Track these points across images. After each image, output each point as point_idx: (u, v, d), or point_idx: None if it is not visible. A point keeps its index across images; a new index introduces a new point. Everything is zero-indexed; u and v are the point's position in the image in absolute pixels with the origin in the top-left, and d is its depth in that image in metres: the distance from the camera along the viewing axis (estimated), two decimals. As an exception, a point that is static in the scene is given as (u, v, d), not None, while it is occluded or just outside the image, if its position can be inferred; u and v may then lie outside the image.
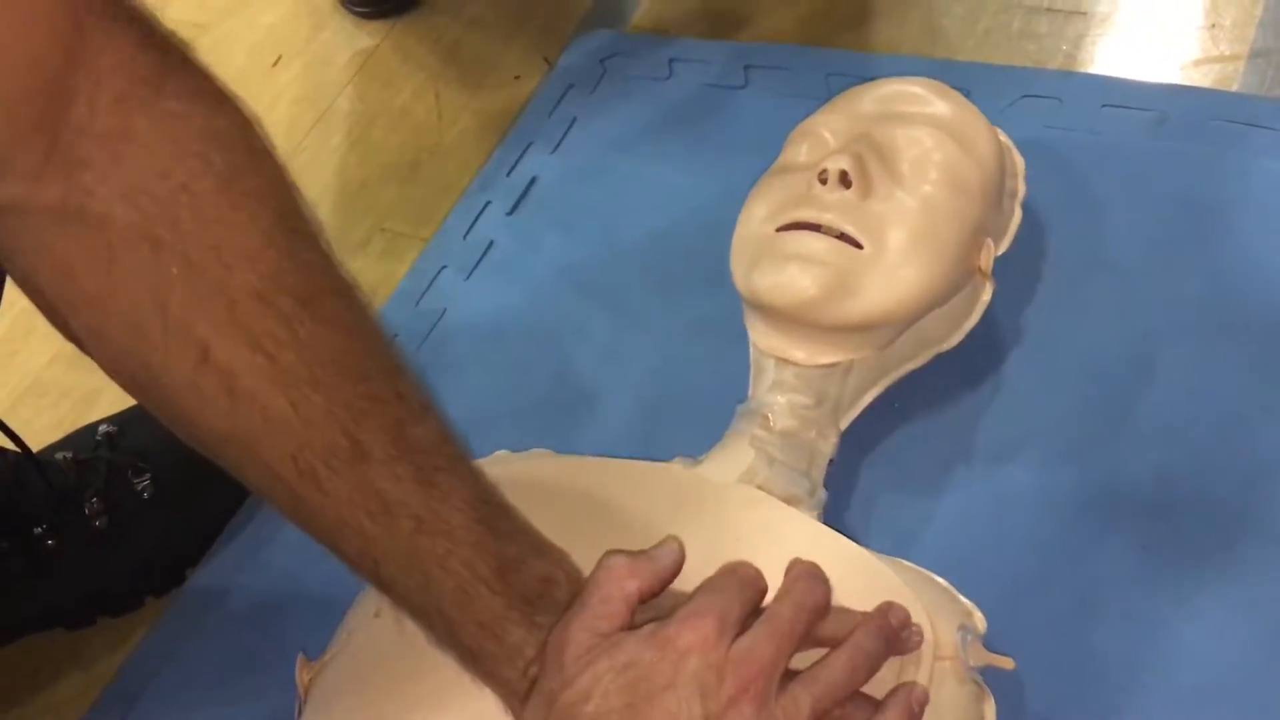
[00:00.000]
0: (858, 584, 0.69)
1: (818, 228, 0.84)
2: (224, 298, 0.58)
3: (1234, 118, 1.06)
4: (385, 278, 1.16)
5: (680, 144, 1.19)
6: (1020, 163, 0.94)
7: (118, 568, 0.97)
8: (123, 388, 0.62)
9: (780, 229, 0.85)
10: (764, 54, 1.24)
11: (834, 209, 0.84)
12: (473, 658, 0.62)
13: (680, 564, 0.63)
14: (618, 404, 1.01)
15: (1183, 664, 0.81)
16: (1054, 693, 0.80)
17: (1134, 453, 0.90)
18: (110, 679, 0.96)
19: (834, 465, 0.87)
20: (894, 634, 0.65)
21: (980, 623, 0.76)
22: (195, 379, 0.58)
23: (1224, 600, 0.83)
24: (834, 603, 0.65)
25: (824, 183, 0.84)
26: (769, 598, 0.64)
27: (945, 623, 0.73)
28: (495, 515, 0.63)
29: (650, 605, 0.62)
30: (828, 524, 0.82)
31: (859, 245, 0.83)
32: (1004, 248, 0.91)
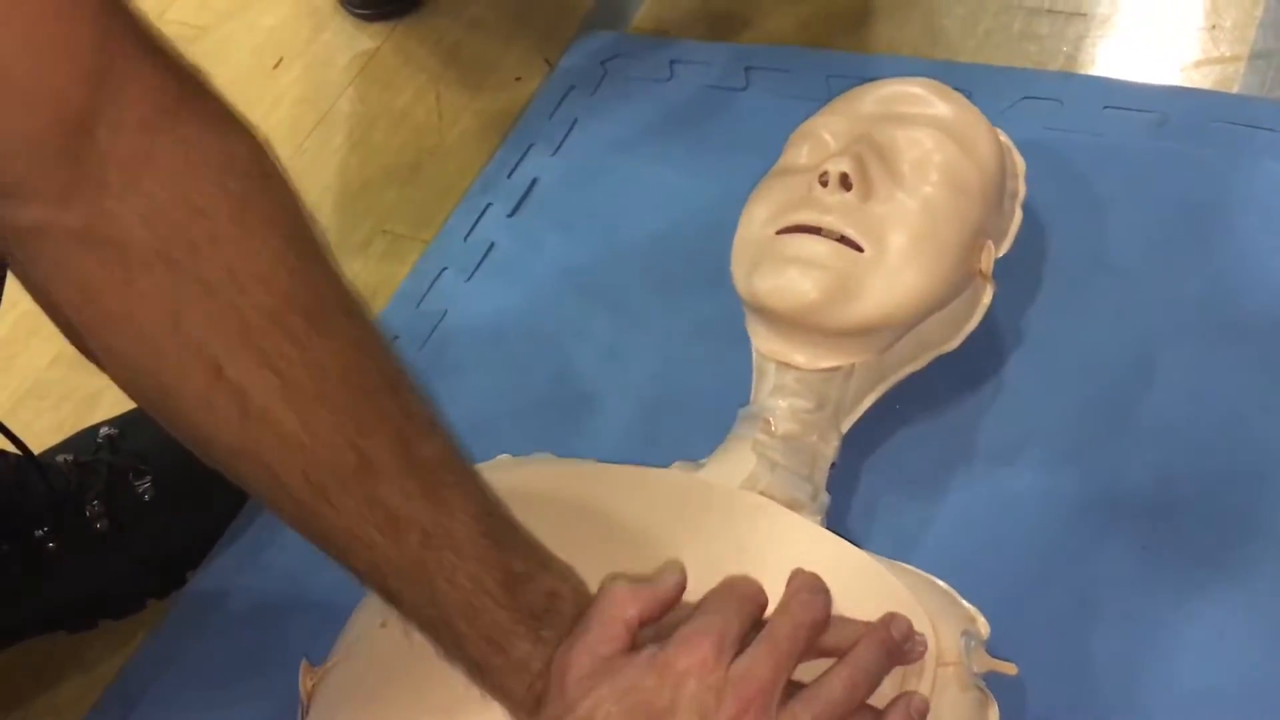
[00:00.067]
0: (861, 591, 0.69)
1: (818, 231, 0.84)
2: (237, 317, 0.59)
3: (1235, 119, 1.06)
4: (386, 279, 1.16)
5: (681, 145, 1.19)
6: (1021, 163, 0.94)
7: (119, 570, 0.97)
8: (137, 403, 0.63)
9: (780, 231, 0.85)
10: (765, 56, 1.24)
11: (834, 211, 0.83)
12: (480, 671, 0.63)
13: (682, 590, 0.64)
14: (618, 405, 1.02)
15: (1184, 666, 0.81)
16: (1055, 694, 0.80)
17: (1135, 454, 0.90)
18: (111, 681, 0.96)
19: (835, 468, 0.87)
20: (896, 646, 0.65)
21: (984, 628, 0.76)
22: (208, 396, 0.59)
23: (1225, 601, 0.83)
24: (837, 610, 0.65)
25: (824, 185, 0.84)
26: (770, 605, 0.64)
27: (948, 628, 0.73)
28: (501, 530, 0.63)
29: (652, 627, 0.63)
30: (830, 527, 0.82)
31: (859, 248, 0.83)
32: (1005, 249, 0.91)
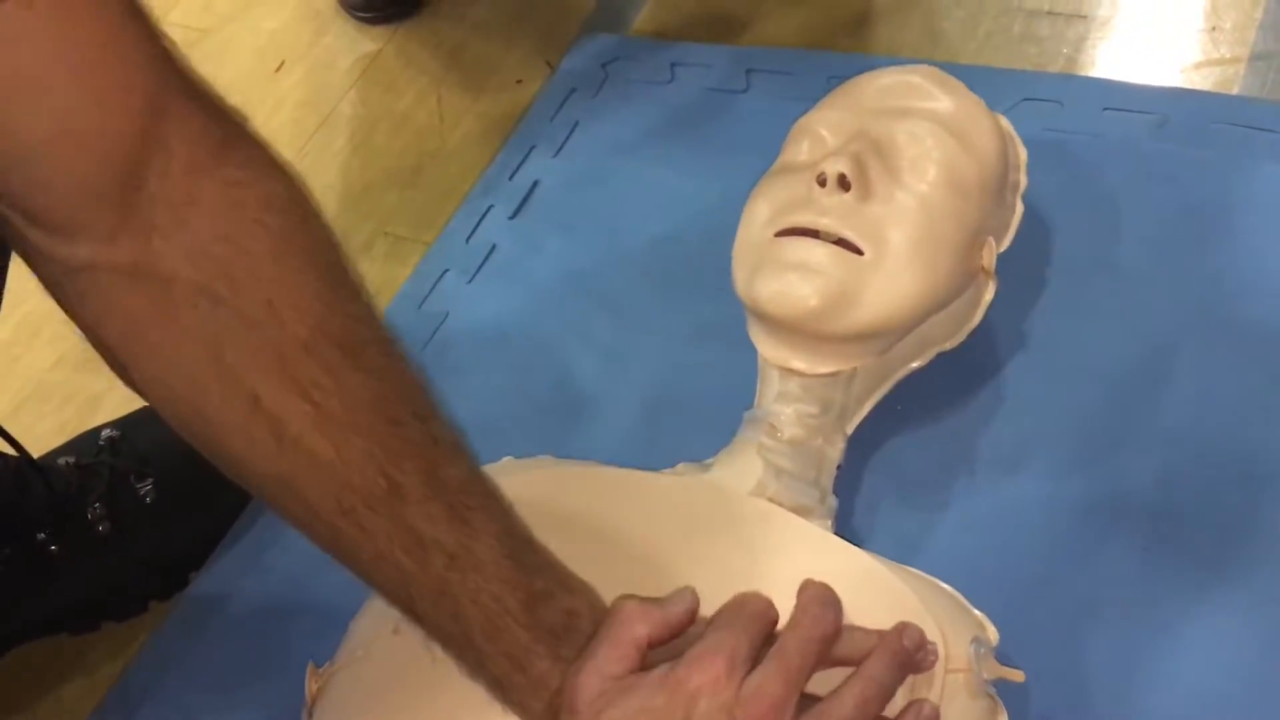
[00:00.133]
0: (871, 599, 0.69)
1: (816, 233, 0.83)
2: (274, 350, 0.62)
3: (1235, 121, 1.06)
4: (388, 281, 1.16)
5: (682, 148, 1.19)
6: (1023, 153, 0.93)
7: (121, 572, 0.97)
8: (178, 430, 0.66)
9: (780, 234, 0.85)
10: (765, 58, 1.24)
11: (832, 213, 0.83)
12: (500, 687, 0.64)
13: (693, 614, 0.64)
14: (620, 407, 1.01)
15: (1187, 668, 0.81)
16: (1058, 697, 0.80)
17: (1137, 456, 0.90)
18: (113, 683, 0.96)
19: (840, 470, 0.87)
20: (908, 656, 0.65)
21: (993, 635, 0.76)
22: (246, 424, 0.62)
23: (1228, 604, 0.83)
24: (848, 619, 0.65)
25: (822, 185, 0.83)
26: (782, 614, 0.64)
27: (957, 635, 0.72)
28: (523, 550, 0.64)
29: (664, 646, 0.63)
30: (835, 531, 0.82)
31: (859, 250, 0.82)
32: (1006, 244, 0.90)
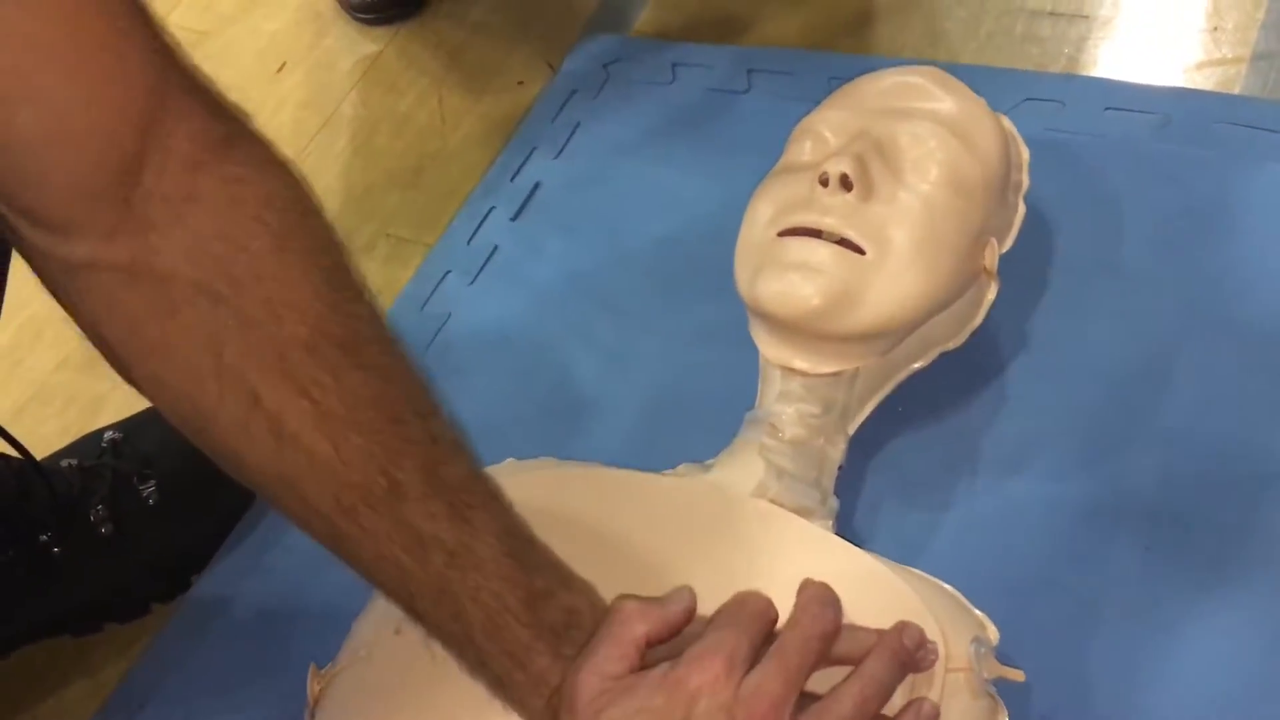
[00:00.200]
0: (871, 598, 0.69)
1: (819, 233, 0.83)
2: (274, 348, 0.61)
3: (1237, 120, 1.06)
4: (389, 283, 1.16)
5: (684, 148, 1.19)
6: (1025, 153, 0.93)
7: (123, 574, 0.97)
8: (178, 428, 0.65)
9: (782, 233, 0.85)
10: (767, 58, 1.24)
11: (835, 213, 0.83)
12: (501, 686, 0.64)
13: (691, 614, 0.64)
14: (622, 408, 1.01)
15: (1190, 670, 0.80)
16: (1060, 698, 0.80)
17: (1140, 457, 0.90)
18: (116, 685, 0.96)
19: (842, 471, 0.87)
20: (908, 655, 0.65)
21: (993, 634, 0.76)
22: (246, 422, 0.62)
23: (1231, 606, 0.83)
24: (848, 619, 0.65)
25: (825, 185, 0.83)
26: (782, 614, 0.64)
27: (958, 634, 0.72)
28: (523, 548, 0.64)
29: (663, 645, 0.63)
30: (836, 531, 0.82)
31: (861, 250, 0.83)
32: (1009, 244, 0.90)
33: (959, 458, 0.93)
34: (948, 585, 0.78)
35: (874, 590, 0.73)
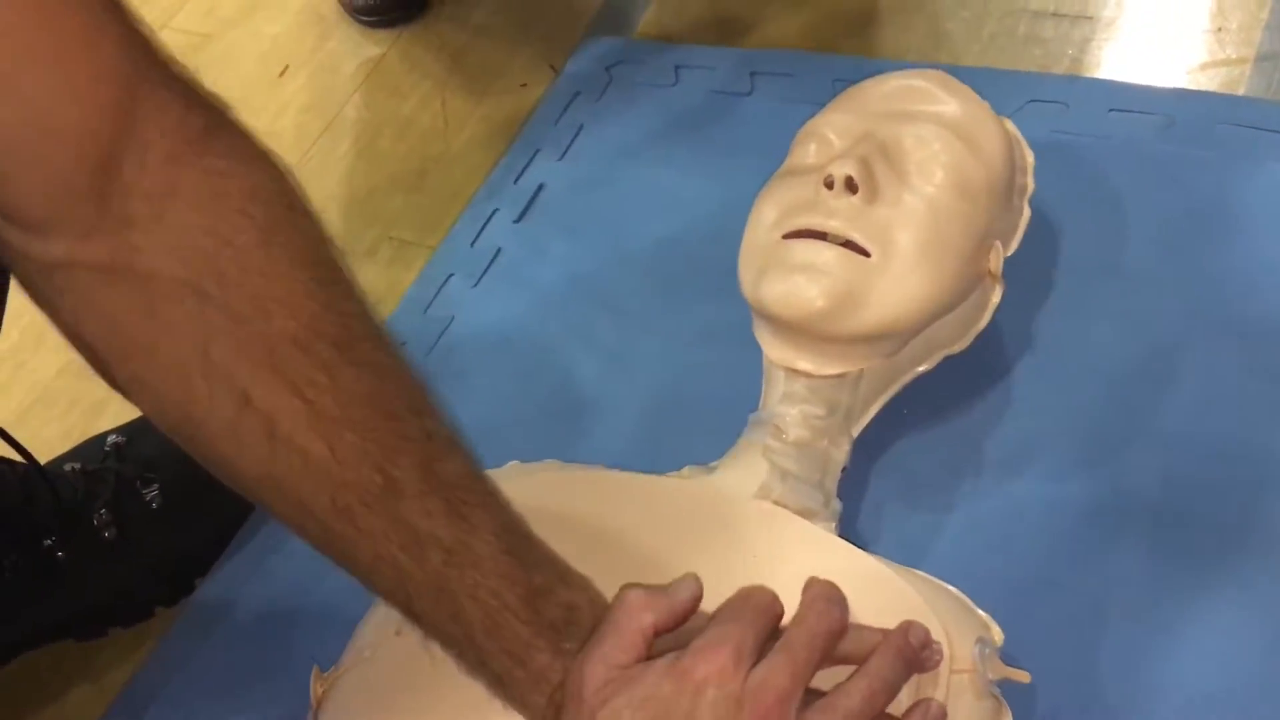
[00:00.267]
0: (875, 600, 0.69)
1: (824, 235, 0.83)
2: (264, 346, 0.60)
3: (1241, 121, 1.06)
4: (393, 286, 1.16)
5: (687, 150, 1.19)
6: (1030, 157, 0.93)
7: (127, 578, 0.97)
8: (165, 432, 0.64)
9: (787, 236, 0.85)
10: (770, 60, 1.24)
11: (840, 215, 0.83)
12: (501, 684, 0.63)
13: (698, 599, 0.64)
14: (625, 411, 1.01)
15: (1193, 670, 0.80)
16: (1064, 699, 0.80)
17: (1144, 458, 0.90)
18: (120, 689, 0.96)
19: (846, 473, 0.87)
20: (914, 654, 0.65)
21: (997, 635, 0.76)
22: (236, 424, 0.60)
23: (1234, 606, 0.83)
24: (853, 619, 0.65)
25: (829, 188, 0.83)
26: (787, 615, 0.64)
27: (962, 635, 0.72)
28: (522, 545, 0.64)
29: (669, 635, 0.63)
30: (840, 533, 0.82)
31: (866, 253, 0.83)
32: (1013, 247, 0.91)
33: (962, 459, 0.93)
34: (951, 587, 0.78)
35: (877, 591, 0.73)
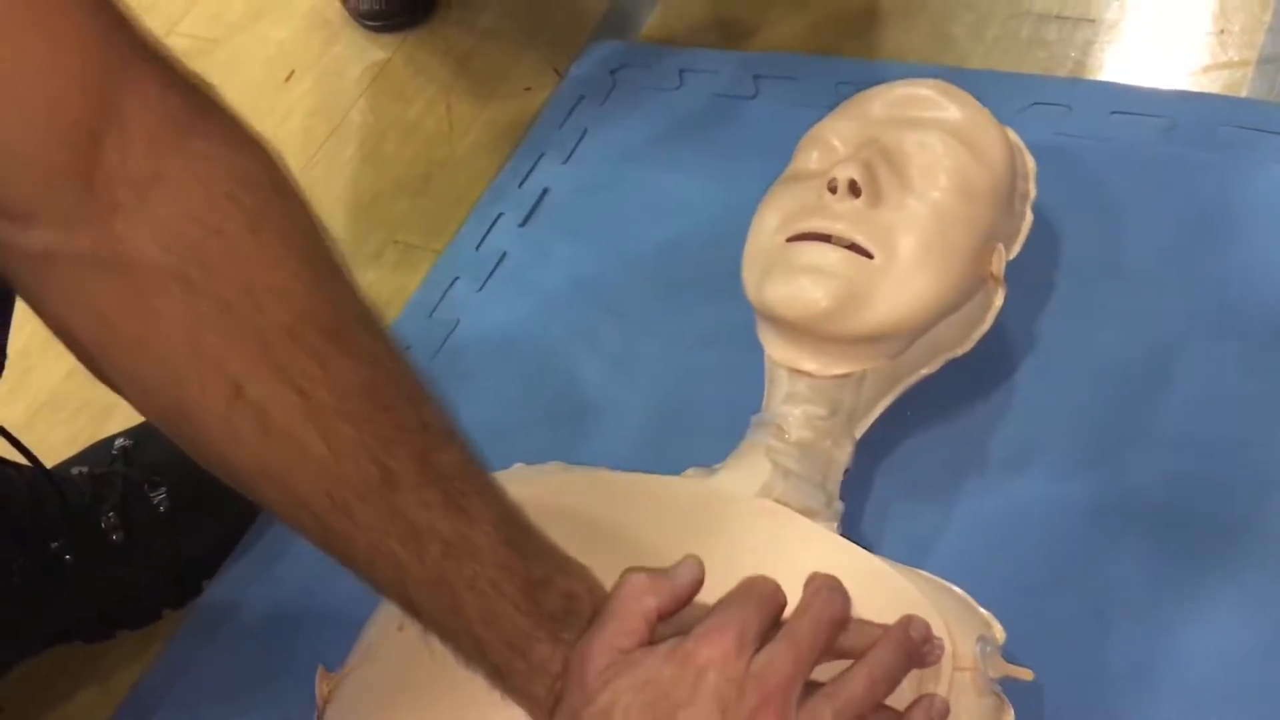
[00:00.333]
0: (876, 597, 0.70)
1: (828, 238, 0.84)
2: (256, 336, 0.58)
3: (1243, 123, 1.06)
4: (398, 290, 1.17)
5: (691, 154, 1.19)
6: (1031, 164, 0.94)
7: (135, 581, 0.97)
8: (157, 426, 0.63)
9: (791, 239, 0.85)
10: (773, 63, 1.24)
11: (844, 219, 0.84)
12: (501, 676, 0.63)
13: (700, 582, 0.64)
14: (630, 414, 1.02)
15: (1197, 670, 0.81)
16: (1068, 699, 0.80)
17: (1147, 459, 0.90)
18: (128, 691, 0.96)
19: (849, 474, 0.87)
20: (915, 648, 0.65)
21: (999, 634, 0.76)
22: (229, 416, 0.59)
23: (1237, 605, 0.83)
24: (854, 615, 0.65)
25: (833, 192, 0.84)
26: (788, 611, 0.64)
27: (964, 633, 0.73)
28: (520, 536, 0.63)
29: (670, 621, 0.63)
30: (843, 534, 0.83)
31: (869, 255, 0.83)
32: (1015, 252, 0.91)
33: (966, 459, 0.93)
34: (953, 586, 0.78)
35: (879, 588, 0.73)
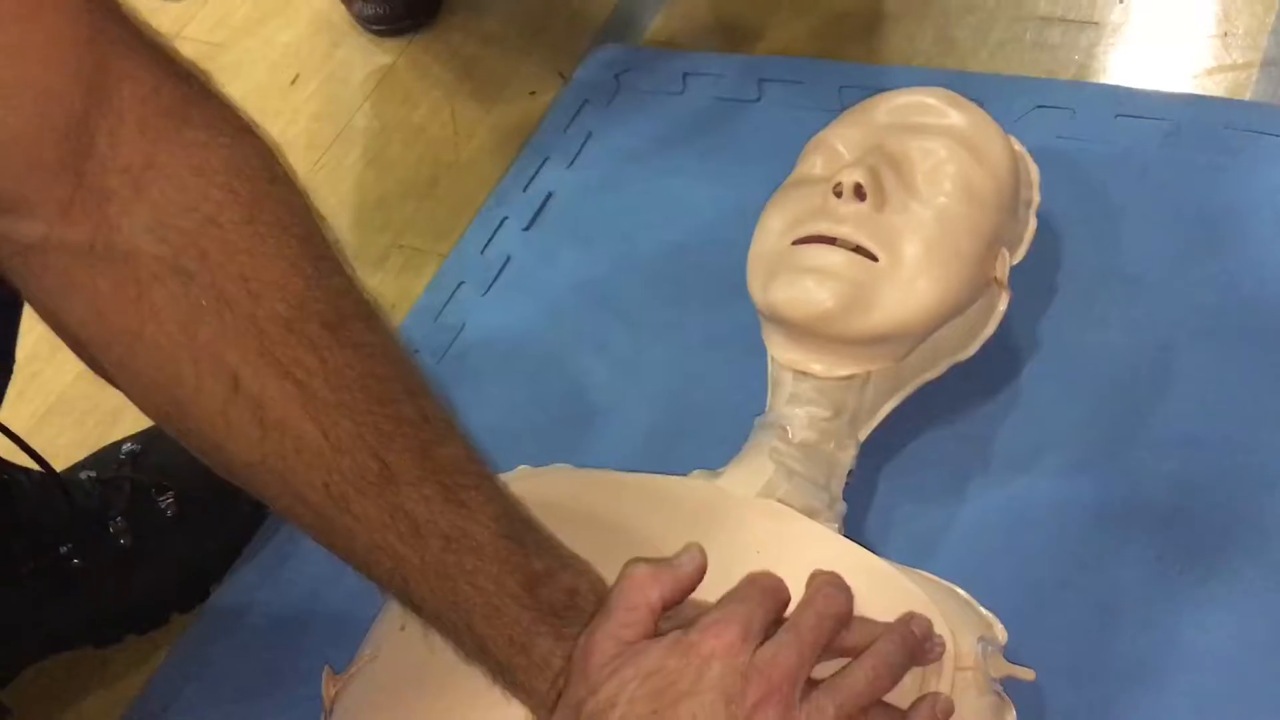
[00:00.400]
0: (878, 596, 0.70)
1: (833, 241, 0.84)
2: (253, 327, 0.58)
3: (1247, 126, 1.07)
4: (404, 293, 1.17)
5: (695, 157, 1.19)
6: (1035, 171, 0.94)
7: (143, 585, 0.97)
8: (153, 419, 0.63)
9: (796, 242, 0.86)
10: (777, 67, 1.24)
11: (849, 222, 0.84)
12: (502, 671, 0.63)
13: (702, 571, 0.64)
14: (634, 417, 1.02)
15: (1200, 672, 0.81)
16: (1072, 701, 0.80)
17: (1150, 461, 0.90)
18: (136, 694, 0.97)
19: (852, 476, 0.87)
20: (916, 644, 0.66)
21: (1001, 634, 0.76)
22: (225, 409, 0.59)
23: (1240, 608, 0.83)
24: (856, 613, 0.65)
25: (839, 195, 0.84)
26: (790, 609, 0.64)
27: (965, 633, 0.73)
28: (521, 530, 0.63)
29: (674, 614, 0.63)
30: (846, 535, 0.83)
31: (874, 258, 0.83)
32: (1020, 257, 0.91)
33: (971, 463, 0.93)
34: (954, 586, 0.79)
35: (880, 587, 0.73)
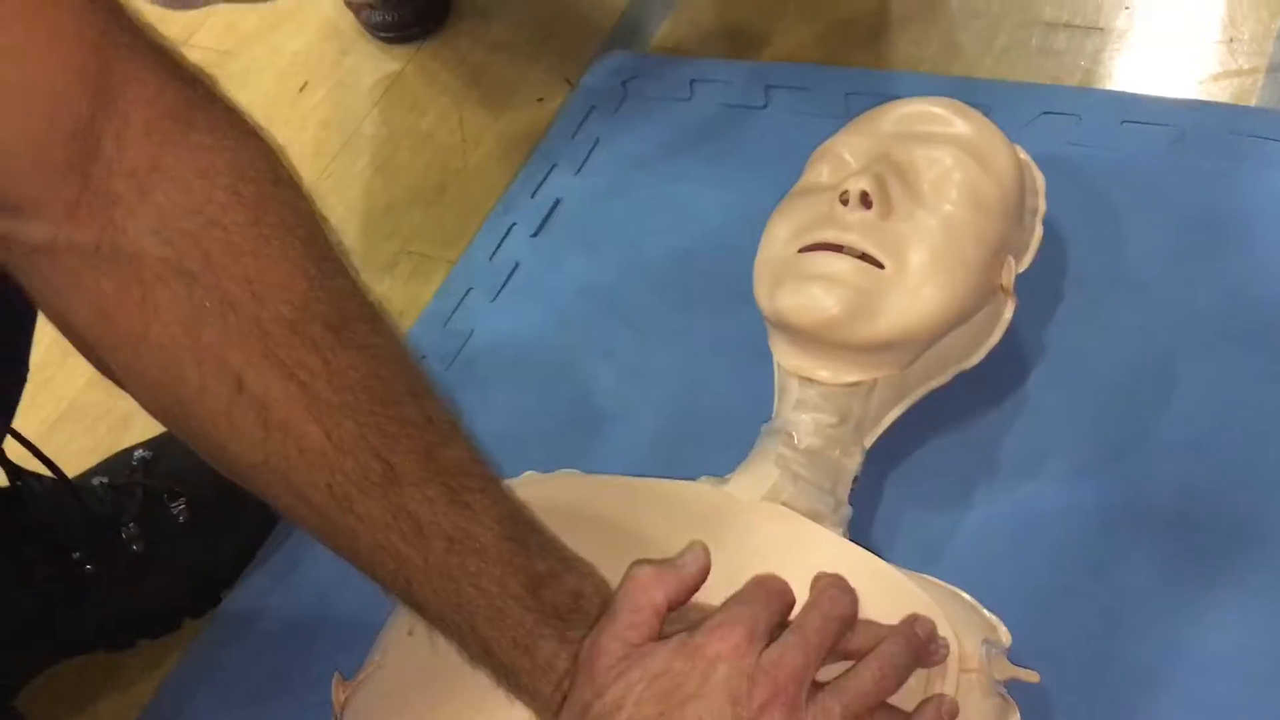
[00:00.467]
0: (882, 599, 0.70)
1: (840, 248, 0.85)
2: (257, 329, 0.59)
3: (1253, 132, 1.07)
4: (412, 300, 1.18)
5: (702, 164, 1.19)
6: (1041, 180, 0.94)
7: (155, 591, 0.98)
8: (158, 420, 0.63)
9: (802, 249, 0.86)
10: (784, 73, 1.24)
11: (855, 229, 0.84)
12: (506, 674, 0.63)
13: (706, 569, 0.64)
14: (642, 423, 1.02)
15: (1205, 677, 0.81)
16: (1077, 705, 0.81)
17: (1156, 466, 0.90)
18: (148, 700, 0.97)
19: (857, 483, 0.87)
20: (921, 646, 0.66)
21: (1005, 637, 0.77)
22: (229, 410, 0.59)
23: (1245, 613, 0.83)
24: (860, 616, 0.65)
25: (845, 203, 0.85)
26: (795, 612, 0.64)
27: (970, 636, 0.73)
28: (525, 532, 0.63)
29: (679, 616, 0.63)
30: (852, 540, 0.83)
31: (880, 265, 0.84)
32: (1025, 265, 0.92)
33: (977, 468, 0.93)
34: (959, 590, 0.79)
35: (885, 590, 0.74)
